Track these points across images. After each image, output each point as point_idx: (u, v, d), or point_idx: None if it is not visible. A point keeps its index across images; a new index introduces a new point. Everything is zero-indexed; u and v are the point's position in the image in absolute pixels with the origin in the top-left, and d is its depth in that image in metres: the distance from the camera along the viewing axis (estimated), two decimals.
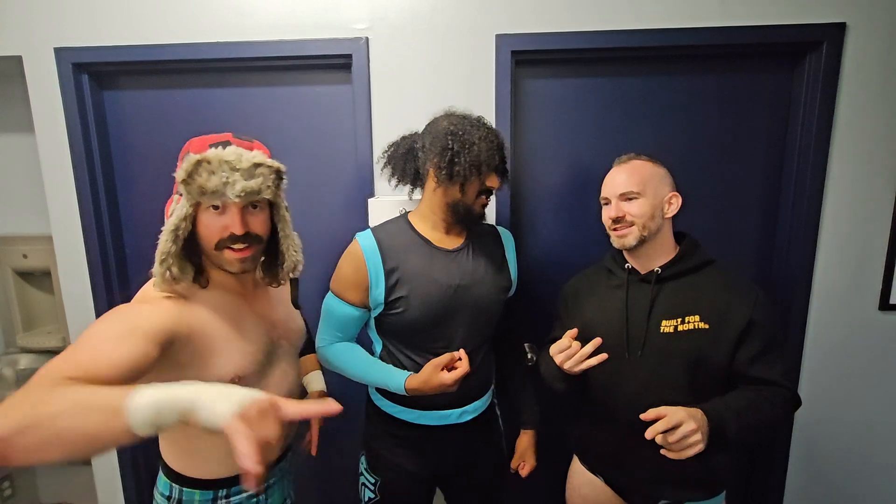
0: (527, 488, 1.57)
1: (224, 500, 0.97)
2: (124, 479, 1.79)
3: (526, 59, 1.49)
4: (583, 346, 1.12)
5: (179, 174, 0.81)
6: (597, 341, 1.01)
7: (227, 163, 0.81)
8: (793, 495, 1.61)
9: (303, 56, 1.49)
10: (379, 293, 1.13)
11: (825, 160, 1.43)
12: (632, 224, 1.07)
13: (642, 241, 1.08)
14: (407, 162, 1.20)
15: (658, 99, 1.51)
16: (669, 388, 1.06)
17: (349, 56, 1.47)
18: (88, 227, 1.61)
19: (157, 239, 0.85)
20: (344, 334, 1.22)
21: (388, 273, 1.13)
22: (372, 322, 1.22)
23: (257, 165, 0.84)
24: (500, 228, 1.33)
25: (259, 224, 0.90)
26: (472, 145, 1.08)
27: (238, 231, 0.85)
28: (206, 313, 0.89)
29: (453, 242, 1.20)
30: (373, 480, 1.23)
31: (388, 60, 1.48)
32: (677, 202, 1.11)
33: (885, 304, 1.48)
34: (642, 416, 0.94)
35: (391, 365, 1.18)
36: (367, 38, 1.46)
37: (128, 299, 1.68)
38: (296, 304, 1.04)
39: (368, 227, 1.46)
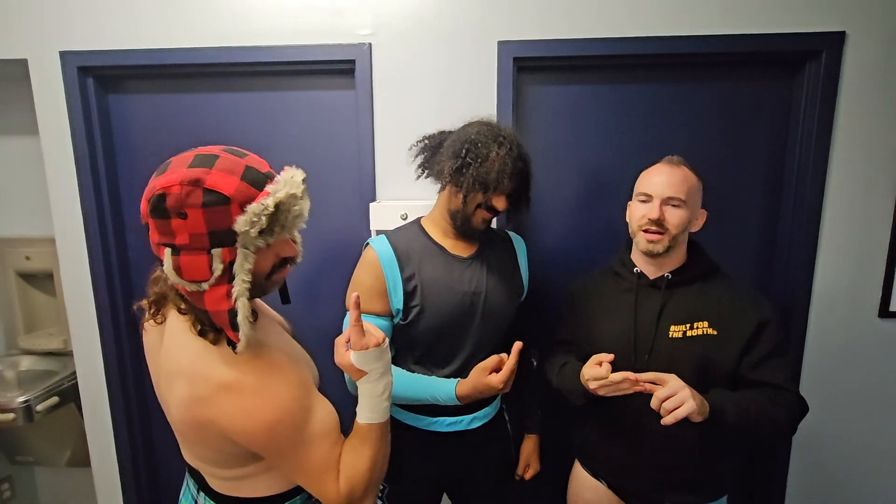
0: (530, 493, 1.56)
1: None
2: (123, 480, 1.79)
3: (528, 66, 1.49)
4: (594, 351, 1.12)
5: (254, 227, 0.68)
6: (625, 374, 0.99)
7: (293, 195, 0.72)
8: (793, 499, 1.61)
9: (306, 61, 1.50)
10: (397, 300, 1.11)
11: (825, 168, 1.43)
12: (665, 232, 1.06)
13: (667, 250, 1.08)
14: (434, 156, 1.19)
15: (659, 106, 1.52)
16: None
17: (352, 61, 1.48)
18: (91, 230, 1.62)
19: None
20: None
21: (406, 280, 1.11)
22: None
23: (304, 181, 0.76)
24: (512, 234, 1.33)
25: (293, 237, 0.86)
26: (485, 161, 1.05)
27: (295, 253, 0.80)
28: (268, 343, 0.83)
29: (467, 249, 1.19)
30: (381, 487, 1.23)
31: (391, 66, 1.49)
32: (703, 219, 1.12)
33: (885, 312, 1.48)
34: (638, 376, 0.96)
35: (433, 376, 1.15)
36: (370, 44, 1.47)
37: (131, 303, 1.71)
38: (287, 299, 0.96)
39: (370, 231, 1.48)
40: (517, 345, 1.04)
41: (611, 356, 1.03)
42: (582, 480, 1.26)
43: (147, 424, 1.83)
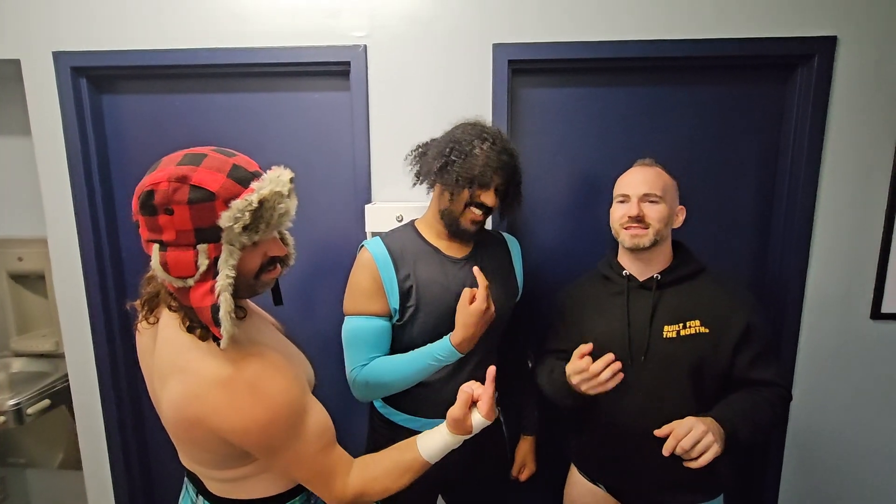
0: (526, 494, 1.57)
1: None
2: (116, 483, 1.78)
3: (523, 69, 1.50)
4: (591, 357, 1.13)
5: (238, 223, 0.69)
6: (609, 357, 0.99)
7: (278, 193, 0.73)
8: (787, 497, 1.62)
9: (301, 63, 1.50)
10: (394, 300, 1.12)
11: (817, 170, 1.44)
12: (648, 227, 1.08)
13: (653, 245, 1.09)
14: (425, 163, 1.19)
15: (653, 108, 1.53)
16: (672, 393, 1.08)
17: (347, 63, 1.48)
18: (84, 231, 1.61)
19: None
20: (381, 352, 1.14)
21: (402, 281, 1.12)
22: None
23: (292, 181, 0.77)
24: (506, 236, 1.33)
25: (284, 238, 0.87)
26: (468, 157, 1.06)
27: (283, 253, 0.81)
28: (263, 343, 0.85)
29: (461, 251, 1.19)
30: None
31: (387, 68, 1.49)
32: (683, 215, 1.15)
33: (876, 313, 1.50)
34: (656, 433, 0.97)
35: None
36: (365, 46, 1.47)
37: (124, 304, 1.70)
38: (280, 301, 0.96)
39: (365, 233, 1.48)
40: (475, 269, 1.07)
41: (590, 346, 1.03)
42: (579, 486, 1.26)
43: (140, 427, 1.82)
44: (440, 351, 1.08)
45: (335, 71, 1.53)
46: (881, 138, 1.43)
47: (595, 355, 1.14)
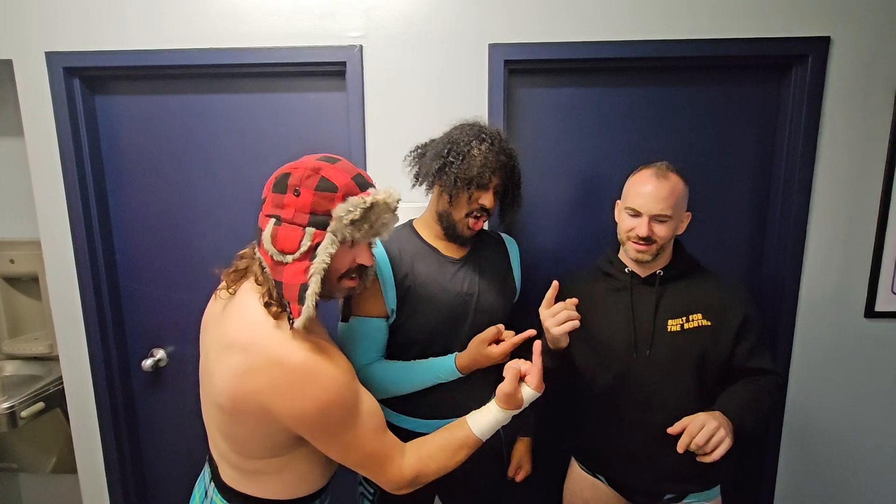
0: (523, 494, 1.57)
1: None
2: (111, 487, 1.76)
3: (519, 69, 1.50)
4: (592, 355, 1.15)
5: (349, 215, 0.79)
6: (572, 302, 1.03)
7: (387, 204, 0.84)
8: (784, 493, 1.64)
9: (297, 63, 1.49)
10: (391, 301, 1.12)
11: (811, 170, 1.45)
12: (653, 243, 1.09)
13: (655, 256, 1.12)
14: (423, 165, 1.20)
15: (648, 109, 1.53)
16: (676, 385, 1.11)
17: (343, 63, 1.48)
18: (78, 232, 1.60)
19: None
20: (379, 353, 1.15)
21: (400, 282, 1.11)
22: None
23: (398, 202, 0.88)
24: (504, 236, 1.33)
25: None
26: (466, 157, 1.06)
27: (369, 262, 0.89)
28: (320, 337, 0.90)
29: (459, 251, 1.20)
30: (372, 490, 1.22)
31: (383, 68, 1.48)
32: (687, 221, 1.16)
33: (870, 312, 1.51)
34: (669, 430, 0.99)
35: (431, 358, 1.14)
36: (361, 46, 1.47)
37: (118, 306, 1.69)
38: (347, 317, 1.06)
39: None
40: (529, 334, 1.07)
41: (554, 289, 1.05)
42: (580, 480, 1.28)
43: (135, 430, 1.81)
44: (443, 370, 1.10)
45: (331, 71, 1.52)
46: (874, 137, 1.44)
47: (598, 353, 1.17)
